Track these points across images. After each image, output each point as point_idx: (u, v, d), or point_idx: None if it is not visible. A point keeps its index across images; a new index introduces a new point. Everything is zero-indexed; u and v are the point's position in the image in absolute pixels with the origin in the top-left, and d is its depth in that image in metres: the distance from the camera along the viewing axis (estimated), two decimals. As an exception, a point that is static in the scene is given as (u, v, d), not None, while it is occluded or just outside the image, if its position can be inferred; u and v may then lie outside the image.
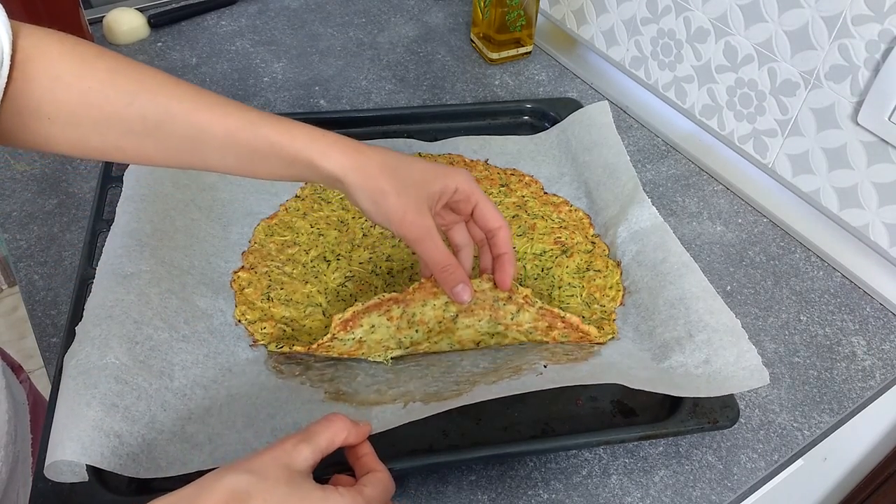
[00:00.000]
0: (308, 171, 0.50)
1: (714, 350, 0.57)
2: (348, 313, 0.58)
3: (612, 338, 0.62)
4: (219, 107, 0.49)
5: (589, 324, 0.64)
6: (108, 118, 0.47)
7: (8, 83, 0.45)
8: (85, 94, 0.46)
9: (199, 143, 0.49)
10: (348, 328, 0.58)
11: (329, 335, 0.58)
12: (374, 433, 0.51)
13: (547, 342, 0.61)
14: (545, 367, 0.56)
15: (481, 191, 0.55)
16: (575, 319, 0.60)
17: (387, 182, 0.50)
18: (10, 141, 0.47)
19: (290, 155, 0.50)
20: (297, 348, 0.59)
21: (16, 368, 0.71)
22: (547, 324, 0.60)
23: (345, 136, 0.52)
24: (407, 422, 0.52)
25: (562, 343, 0.61)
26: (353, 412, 0.55)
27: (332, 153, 0.50)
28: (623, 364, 0.59)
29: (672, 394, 0.54)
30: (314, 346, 0.58)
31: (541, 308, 0.60)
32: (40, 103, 0.46)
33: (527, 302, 0.60)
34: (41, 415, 0.71)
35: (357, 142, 0.52)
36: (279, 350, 0.59)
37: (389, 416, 0.54)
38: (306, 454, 0.41)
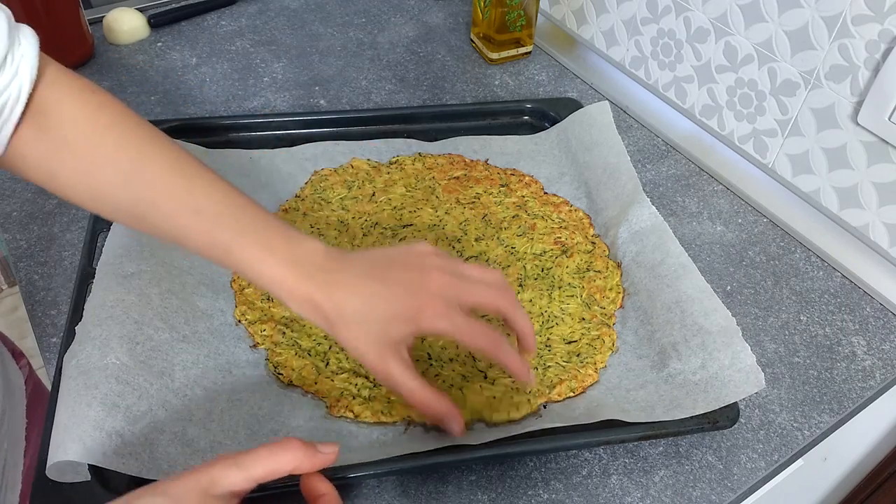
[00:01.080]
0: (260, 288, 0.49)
1: (709, 353, 0.58)
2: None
3: (612, 351, 0.62)
4: (209, 219, 0.48)
5: (589, 325, 0.64)
6: (104, 195, 0.48)
7: (18, 126, 0.45)
8: (87, 166, 0.47)
9: (180, 240, 0.49)
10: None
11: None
12: (375, 459, 0.51)
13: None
14: (544, 406, 0.58)
15: (454, 321, 0.48)
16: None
17: (345, 331, 0.48)
18: (15, 173, 0.48)
19: (260, 284, 0.48)
20: (295, 382, 0.59)
21: (16, 354, 0.71)
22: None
23: (318, 259, 0.48)
24: (407, 452, 0.52)
25: (563, 364, 0.61)
26: (354, 430, 0.55)
27: (292, 304, 0.48)
28: (621, 388, 0.59)
29: (666, 418, 0.55)
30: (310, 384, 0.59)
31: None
32: (44, 158, 0.46)
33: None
34: (41, 403, 0.71)
35: (324, 276, 0.48)
36: (276, 373, 0.59)
37: (390, 441, 0.55)
38: (234, 480, 0.39)
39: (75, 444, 0.48)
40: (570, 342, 0.63)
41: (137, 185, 0.47)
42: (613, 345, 0.63)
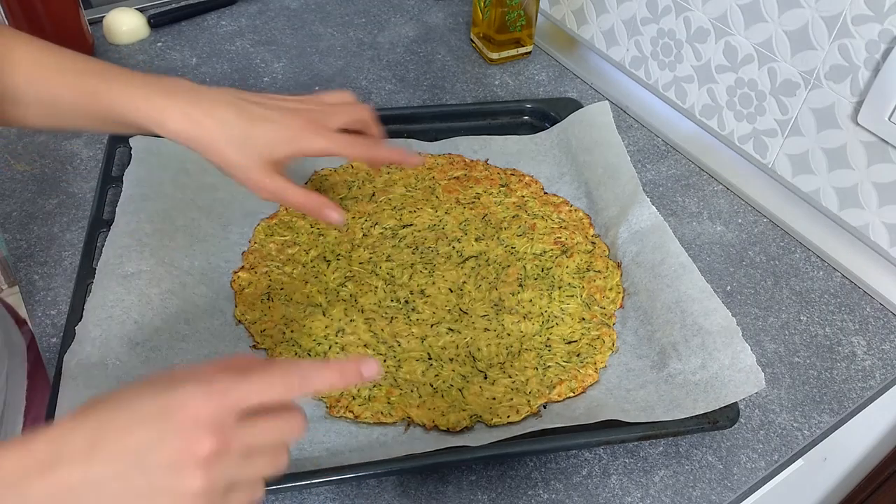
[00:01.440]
0: (147, 132, 0.53)
1: (709, 353, 0.58)
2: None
3: (613, 351, 0.62)
4: (70, 73, 0.52)
5: (589, 325, 0.64)
6: None
7: None
8: None
9: (59, 109, 0.52)
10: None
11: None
12: (372, 460, 0.52)
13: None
14: (544, 407, 0.58)
15: (325, 142, 0.55)
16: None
17: (229, 154, 0.52)
18: None
19: (135, 123, 0.52)
20: None
21: (19, 321, 0.71)
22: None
23: (186, 86, 0.53)
24: (407, 452, 0.52)
25: (563, 365, 0.61)
26: (354, 430, 0.55)
27: (167, 121, 0.51)
28: (621, 389, 0.59)
29: (666, 418, 0.55)
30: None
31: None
32: None
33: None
34: (42, 373, 0.71)
35: (196, 97, 0.52)
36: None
37: (390, 442, 0.55)
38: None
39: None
40: (570, 342, 0.63)
41: (7, 67, 0.51)
42: (613, 345, 0.63)
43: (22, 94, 0.52)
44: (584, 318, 0.65)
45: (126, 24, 0.97)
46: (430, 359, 0.61)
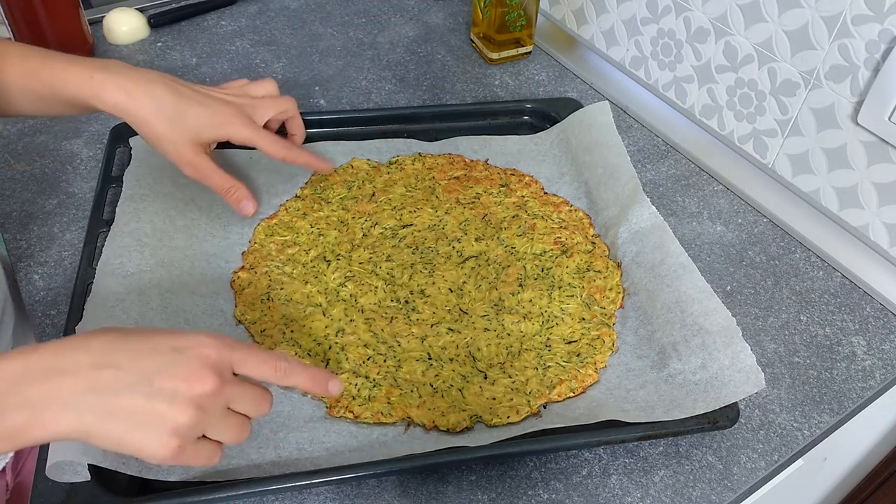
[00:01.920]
0: (89, 108, 0.56)
1: (709, 354, 0.58)
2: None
3: (613, 351, 0.62)
4: (10, 57, 0.54)
5: (589, 325, 0.64)
6: None
7: None
8: None
9: (9, 94, 0.55)
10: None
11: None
12: (372, 460, 0.52)
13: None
14: (544, 407, 0.58)
15: (251, 133, 0.60)
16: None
17: (160, 128, 0.56)
18: None
19: (69, 97, 0.54)
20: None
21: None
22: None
23: (124, 65, 0.56)
24: (407, 452, 0.53)
25: (563, 365, 0.61)
26: (354, 430, 0.55)
27: (104, 94, 0.54)
28: (621, 388, 0.59)
29: (666, 418, 0.55)
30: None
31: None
32: None
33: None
34: None
35: (133, 74, 0.55)
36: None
37: (390, 442, 0.55)
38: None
39: (75, 444, 0.48)
40: (570, 342, 0.63)
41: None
42: (613, 345, 0.63)
43: (5, 89, 0.56)
44: (584, 318, 0.65)
45: (126, 24, 0.97)
46: (430, 359, 0.61)
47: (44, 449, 0.50)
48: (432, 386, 0.59)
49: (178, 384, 0.38)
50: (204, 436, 0.41)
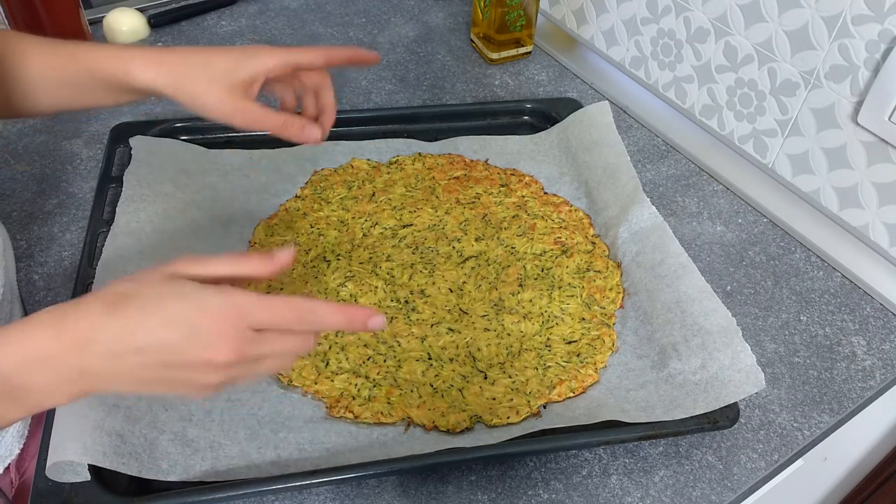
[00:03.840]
0: (127, 89, 0.55)
1: (709, 354, 0.58)
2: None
3: (613, 351, 0.62)
4: (47, 47, 0.54)
5: (589, 325, 0.64)
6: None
7: None
8: None
9: (32, 86, 0.54)
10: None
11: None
12: (372, 460, 0.52)
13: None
14: (544, 407, 0.58)
15: (283, 53, 0.57)
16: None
17: (195, 83, 0.54)
18: None
19: (102, 77, 0.54)
20: (295, 383, 0.59)
21: None
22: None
23: (155, 48, 0.56)
24: (407, 452, 0.53)
25: (563, 365, 0.61)
26: (354, 430, 0.55)
27: (136, 68, 0.53)
28: (621, 388, 0.60)
29: (666, 418, 0.55)
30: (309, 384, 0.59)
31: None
32: None
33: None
34: None
35: (159, 49, 0.55)
36: (276, 373, 0.59)
37: (390, 442, 0.55)
38: (192, 269, 0.42)
39: (75, 444, 0.48)
40: (570, 342, 0.63)
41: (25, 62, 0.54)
42: (613, 345, 0.63)
43: (32, 84, 0.55)
44: (584, 318, 0.65)
45: (126, 24, 0.97)
46: (430, 359, 0.61)
47: (44, 449, 0.50)
48: (432, 386, 0.59)
49: (197, 359, 0.39)
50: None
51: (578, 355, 0.62)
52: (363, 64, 0.62)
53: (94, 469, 0.49)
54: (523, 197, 0.76)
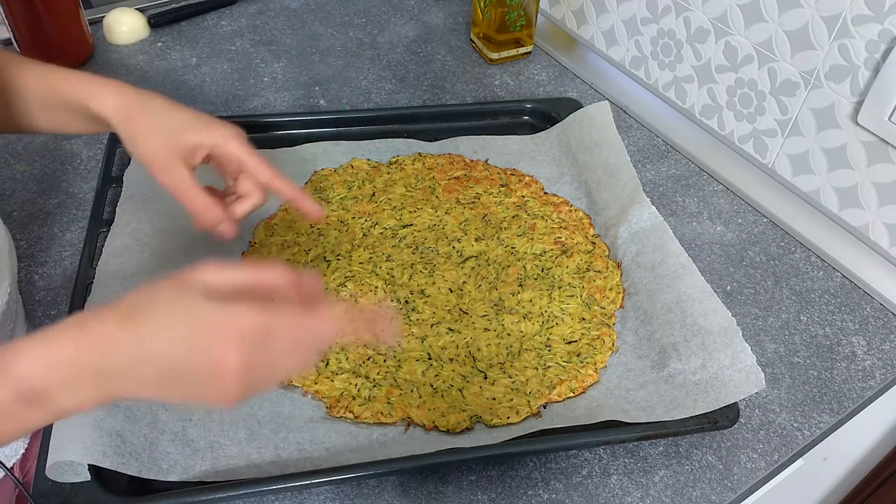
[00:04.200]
0: (90, 116, 0.54)
1: (709, 354, 0.58)
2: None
3: (613, 351, 0.62)
4: (33, 67, 0.54)
5: (589, 325, 0.64)
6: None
7: None
8: None
9: (17, 100, 0.54)
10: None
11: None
12: (372, 460, 0.52)
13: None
14: (544, 407, 0.58)
15: (246, 149, 0.54)
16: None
17: (143, 125, 0.52)
18: None
19: (68, 100, 0.53)
20: (295, 383, 0.59)
21: None
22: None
23: (126, 86, 0.54)
24: (407, 452, 0.53)
25: (563, 365, 0.61)
26: (354, 430, 0.55)
27: (103, 97, 0.53)
28: (621, 388, 0.60)
29: (666, 418, 0.55)
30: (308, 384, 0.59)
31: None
32: None
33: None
34: None
35: (134, 88, 0.54)
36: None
37: (390, 442, 0.55)
38: (211, 276, 0.40)
39: (75, 444, 0.48)
40: (570, 342, 0.63)
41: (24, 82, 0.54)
42: (613, 345, 0.63)
43: (26, 104, 0.55)
44: (584, 318, 0.65)
45: (126, 24, 0.97)
46: (430, 359, 0.61)
47: (44, 449, 0.50)
48: (432, 386, 0.59)
49: (206, 372, 0.39)
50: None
51: (578, 355, 0.62)
52: (303, 213, 0.58)
53: (94, 469, 0.49)
54: (523, 197, 0.76)
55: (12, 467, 0.58)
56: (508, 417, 0.57)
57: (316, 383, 0.58)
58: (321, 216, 0.58)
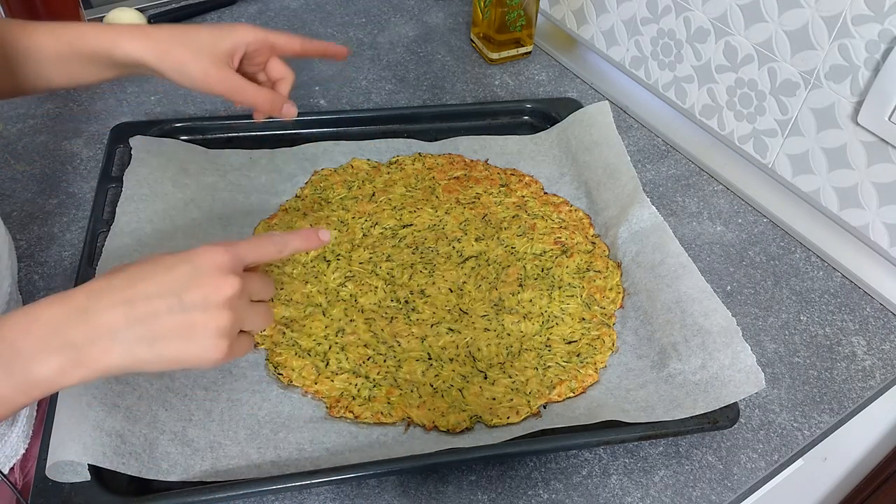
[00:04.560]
0: (114, 63, 0.56)
1: (709, 354, 0.58)
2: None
3: (613, 351, 0.62)
4: (42, 27, 0.56)
5: (589, 325, 0.64)
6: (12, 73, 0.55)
7: None
8: None
9: (27, 61, 0.56)
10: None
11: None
12: (372, 460, 0.52)
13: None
14: (544, 407, 0.58)
15: (268, 33, 0.59)
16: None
17: (181, 53, 0.56)
18: None
19: (90, 52, 0.56)
20: (295, 383, 0.59)
21: None
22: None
23: (139, 26, 0.58)
24: (407, 452, 0.53)
25: (563, 365, 0.61)
26: (354, 430, 0.55)
27: (123, 42, 0.55)
28: (621, 388, 0.60)
29: (666, 418, 0.55)
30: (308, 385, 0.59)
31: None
32: None
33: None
34: None
35: (143, 26, 0.57)
36: (276, 374, 0.59)
37: (390, 442, 0.55)
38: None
39: (75, 444, 0.48)
40: (570, 342, 0.63)
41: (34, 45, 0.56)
42: (613, 345, 0.63)
43: (31, 63, 0.57)
44: (584, 318, 0.65)
45: (126, 24, 0.97)
46: (430, 359, 0.61)
47: (43, 449, 0.50)
48: (432, 386, 0.59)
49: (206, 293, 0.41)
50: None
51: (578, 355, 0.62)
52: (334, 57, 0.64)
53: (94, 469, 0.49)
54: (523, 197, 0.76)
55: (12, 468, 0.58)
56: (508, 417, 0.57)
57: (316, 383, 0.58)
58: (345, 52, 0.65)
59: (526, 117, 0.88)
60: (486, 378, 0.60)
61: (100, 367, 0.40)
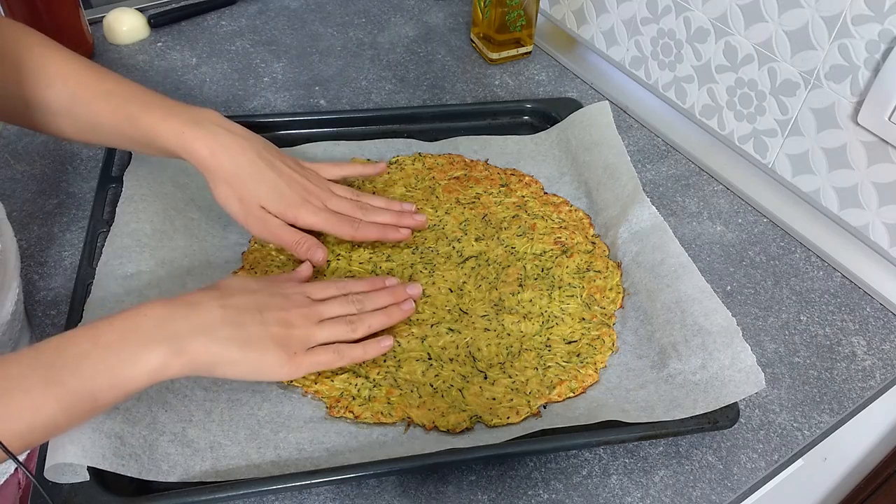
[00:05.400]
0: (164, 152, 0.60)
1: (709, 354, 0.58)
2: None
3: (613, 351, 0.62)
4: (114, 97, 0.58)
5: (589, 325, 0.64)
6: (30, 100, 0.56)
7: None
8: (15, 72, 0.56)
9: (98, 127, 0.59)
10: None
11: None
12: (372, 460, 0.52)
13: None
14: (544, 407, 0.58)
15: (321, 214, 0.64)
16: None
17: (232, 190, 0.60)
18: None
19: (161, 147, 0.59)
20: (295, 383, 0.59)
21: None
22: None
23: (216, 118, 0.60)
24: (407, 452, 0.53)
25: (563, 365, 0.61)
26: (354, 430, 0.55)
27: (195, 151, 0.58)
28: (621, 388, 0.59)
29: (666, 418, 0.55)
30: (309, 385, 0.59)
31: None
32: None
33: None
34: None
35: (222, 134, 0.59)
36: None
37: (390, 442, 0.55)
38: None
39: (74, 446, 0.48)
40: (570, 342, 0.63)
41: (58, 82, 0.57)
42: (613, 345, 0.63)
43: (64, 110, 0.58)
44: (584, 318, 0.65)
45: (126, 24, 0.97)
46: (430, 359, 0.61)
47: (43, 449, 0.50)
48: (432, 386, 0.59)
49: (281, 317, 0.51)
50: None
51: (578, 355, 0.62)
52: (388, 241, 0.69)
53: (93, 469, 0.49)
54: (523, 197, 0.76)
55: (14, 469, 0.58)
56: (508, 417, 0.57)
57: (316, 383, 0.58)
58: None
59: (526, 117, 0.88)
60: (486, 378, 0.60)
61: (196, 360, 0.47)
